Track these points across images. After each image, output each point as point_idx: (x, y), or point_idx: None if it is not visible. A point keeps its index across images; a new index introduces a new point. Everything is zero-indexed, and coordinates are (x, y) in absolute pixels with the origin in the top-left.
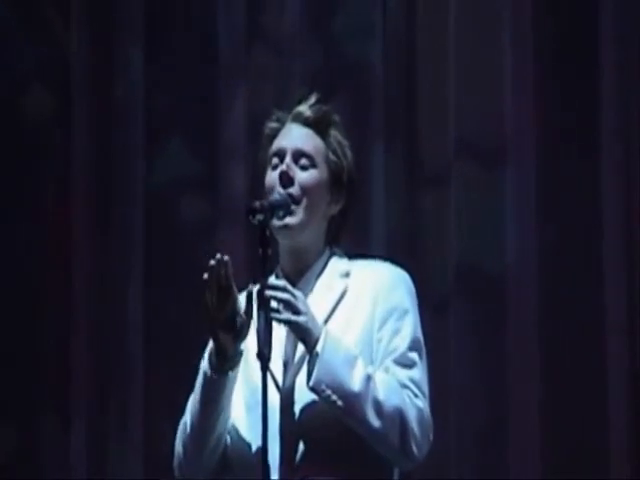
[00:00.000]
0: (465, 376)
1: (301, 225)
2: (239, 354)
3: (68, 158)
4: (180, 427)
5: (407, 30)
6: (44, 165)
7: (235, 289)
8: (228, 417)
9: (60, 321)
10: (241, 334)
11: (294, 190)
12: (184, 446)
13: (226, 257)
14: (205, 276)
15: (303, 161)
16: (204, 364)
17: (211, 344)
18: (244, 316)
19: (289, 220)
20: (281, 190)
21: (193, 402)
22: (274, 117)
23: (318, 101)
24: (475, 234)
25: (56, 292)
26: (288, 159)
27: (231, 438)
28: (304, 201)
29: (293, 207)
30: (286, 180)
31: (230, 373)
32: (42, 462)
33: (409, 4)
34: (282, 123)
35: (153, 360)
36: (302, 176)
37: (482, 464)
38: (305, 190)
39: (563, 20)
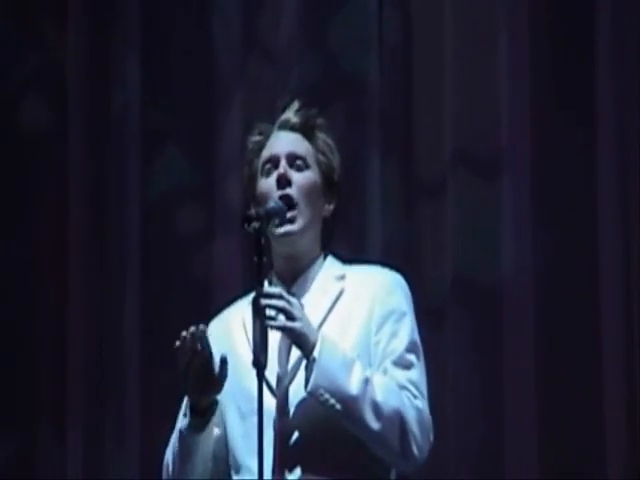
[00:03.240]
0: (461, 386)
1: (302, 231)
2: (214, 403)
3: (64, 171)
4: (164, 462)
5: (403, 41)
6: (40, 178)
7: (210, 350)
8: (209, 459)
9: (56, 327)
10: (214, 390)
11: (292, 191)
12: None
13: (202, 327)
14: (177, 343)
15: (298, 162)
16: (180, 418)
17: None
18: (218, 372)
19: (290, 227)
20: (278, 193)
21: (172, 449)
22: (256, 131)
23: (302, 107)
24: (471, 245)
25: (53, 303)
26: (283, 162)
27: (227, 447)
28: (301, 203)
29: (289, 214)
30: (284, 182)
31: (203, 431)
32: (38, 467)
33: (405, 16)
34: (266, 136)
35: (150, 365)
36: (299, 177)
37: (479, 470)
38: (302, 191)
39: (560, 36)
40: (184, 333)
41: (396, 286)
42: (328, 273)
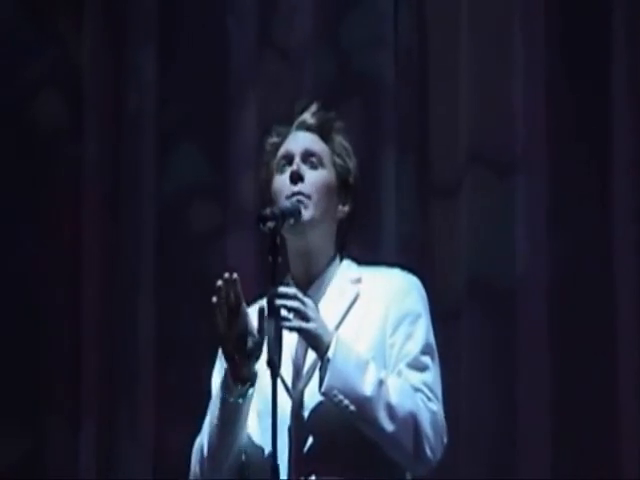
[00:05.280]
0: (475, 386)
1: (312, 221)
2: (254, 374)
3: (79, 167)
4: (196, 446)
5: (418, 40)
6: (55, 174)
7: (245, 308)
8: (245, 436)
9: (71, 323)
10: (254, 354)
11: (304, 187)
12: (201, 467)
13: (234, 275)
14: (214, 299)
15: (312, 160)
16: (216, 387)
17: (224, 365)
18: (257, 335)
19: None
20: (291, 189)
21: (210, 424)
22: (274, 133)
23: (320, 109)
24: (486, 245)
25: (67, 299)
26: (297, 159)
27: (245, 446)
28: (314, 198)
29: (303, 207)
30: (296, 178)
31: (247, 396)
32: (52, 463)
33: (420, 15)
34: (283, 137)
35: (164, 362)
36: (312, 174)
37: (493, 471)
38: (315, 188)
39: (575, 34)
40: (219, 283)
41: (411, 288)
42: (344, 276)
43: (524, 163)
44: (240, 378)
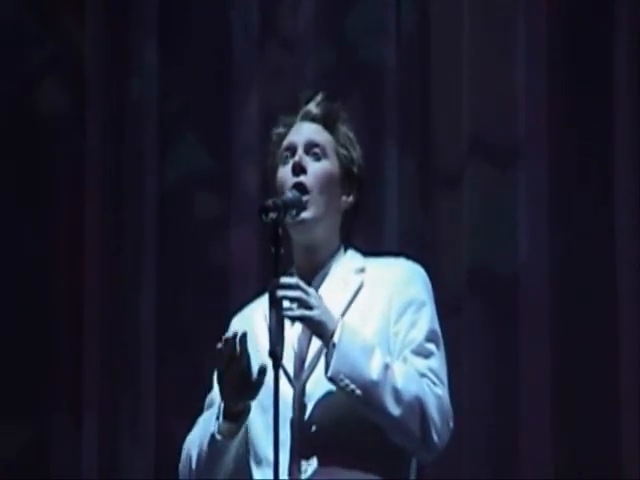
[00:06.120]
0: (477, 376)
1: (315, 219)
2: (247, 409)
3: (82, 156)
4: (184, 453)
5: (421, 30)
6: (57, 162)
7: (248, 354)
8: (233, 460)
9: (72, 319)
10: (250, 394)
11: (306, 179)
12: (189, 476)
13: (244, 331)
14: (219, 345)
15: (315, 151)
16: (208, 419)
17: (219, 400)
18: (256, 378)
19: (304, 215)
20: (293, 180)
21: (199, 451)
22: (280, 123)
23: (325, 99)
24: (488, 234)
25: (69, 291)
26: (300, 151)
27: (248, 439)
28: (315, 190)
29: (305, 198)
30: (298, 170)
31: (235, 435)
32: (54, 460)
33: (423, 4)
34: (288, 127)
35: (165, 358)
36: (314, 166)
37: (493, 465)
38: (317, 179)
39: (577, 21)
40: (227, 335)
41: (415, 276)
42: (348, 266)
43: (526, 152)
44: (233, 413)
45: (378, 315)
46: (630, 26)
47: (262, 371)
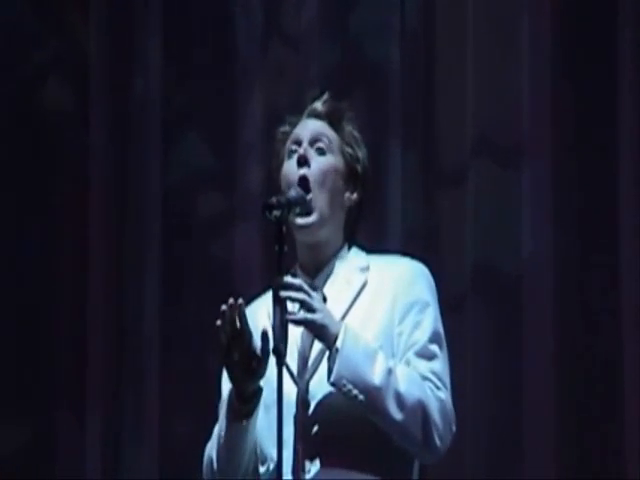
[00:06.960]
0: (482, 372)
1: (320, 222)
2: (259, 390)
3: (85, 154)
4: (206, 458)
5: (425, 27)
6: (61, 161)
7: (249, 330)
8: (253, 450)
9: (76, 317)
10: (258, 373)
11: (310, 172)
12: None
13: (240, 300)
14: (218, 322)
15: (319, 145)
16: (224, 406)
17: (229, 385)
18: (260, 355)
19: (307, 220)
20: (299, 172)
21: (218, 441)
22: (286, 122)
23: (331, 98)
24: (491, 233)
25: (73, 288)
26: (305, 144)
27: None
28: (318, 185)
29: (309, 196)
30: (303, 161)
31: (252, 415)
32: (56, 458)
33: (427, 1)
34: (293, 126)
35: (169, 356)
36: (318, 160)
37: (497, 464)
38: (321, 172)
39: (582, 18)
40: (223, 307)
41: (419, 276)
42: (352, 264)
43: (530, 149)
44: (245, 396)
45: (381, 315)
46: (634, 27)
47: (264, 337)
